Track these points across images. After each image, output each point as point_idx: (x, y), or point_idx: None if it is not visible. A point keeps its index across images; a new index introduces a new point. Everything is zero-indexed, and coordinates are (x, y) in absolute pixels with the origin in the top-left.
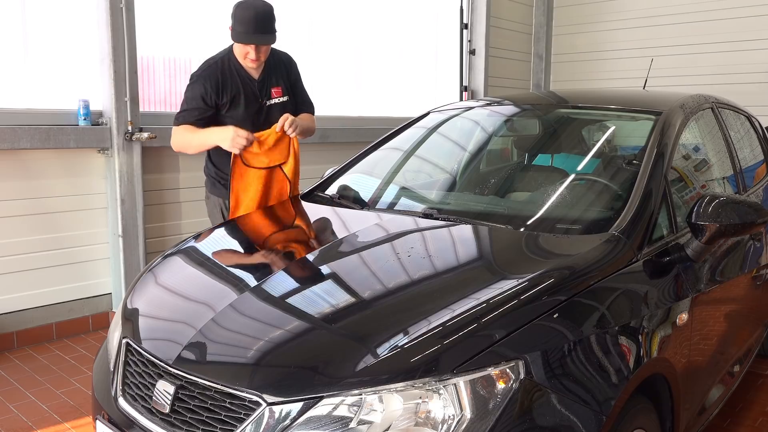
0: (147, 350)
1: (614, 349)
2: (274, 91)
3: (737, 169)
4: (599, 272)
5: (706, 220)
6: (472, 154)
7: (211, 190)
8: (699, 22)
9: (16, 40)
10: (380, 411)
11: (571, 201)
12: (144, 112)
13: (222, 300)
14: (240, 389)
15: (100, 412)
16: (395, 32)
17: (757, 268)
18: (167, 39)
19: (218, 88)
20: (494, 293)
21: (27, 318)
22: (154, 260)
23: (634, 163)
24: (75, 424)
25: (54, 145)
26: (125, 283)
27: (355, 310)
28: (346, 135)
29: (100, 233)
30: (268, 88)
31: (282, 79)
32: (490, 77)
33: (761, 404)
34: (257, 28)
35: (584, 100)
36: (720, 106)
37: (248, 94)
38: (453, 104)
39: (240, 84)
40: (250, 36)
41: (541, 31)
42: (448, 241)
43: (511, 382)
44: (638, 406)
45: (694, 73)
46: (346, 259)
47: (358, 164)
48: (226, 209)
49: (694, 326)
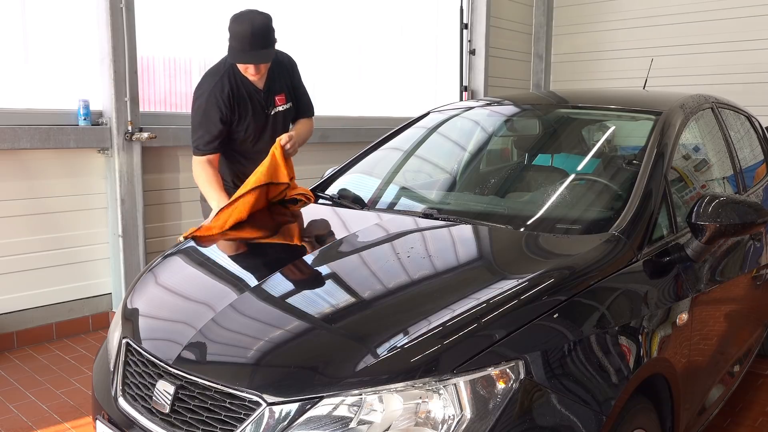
0: (147, 350)
1: (614, 349)
2: (278, 98)
3: (737, 169)
4: (599, 272)
5: (706, 220)
6: (472, 154)
7: None
8: (699, 22)
9: (16, 40)
10: (380, 411)
11: (571, 201)
12: (144, 112)
13: (222, 300)
14: (240, 389)
15: (100, 412)
16: (395, 32)
17: (757, 268)
18: (167, 39)
19: (231, 106)
20: (494, 293)
21: (27, 318)
22: (154, 260)
23: (634, 163)
24: (75, 424)
25: (54, 145)
26: (125, 283)
27: (355, 310)
28: (346, 135)
29: (100, 233)
30: (272, 96)
31: (285, 85)
32: (490, 77)
33: (761, 404)
34: (254, 45)
35: (584, 100)
36: (720, 106)
37: (255, 106)
38: (453, 104)
39: (247, 96)
40: (246, 54)
41: (541, 31)
42: (448, 241)
43: (511, 382)
44: (638, 406)
45: (694, 73)
46: (346, 259)
47: (358, 164)
48: None
49: (694, 326)
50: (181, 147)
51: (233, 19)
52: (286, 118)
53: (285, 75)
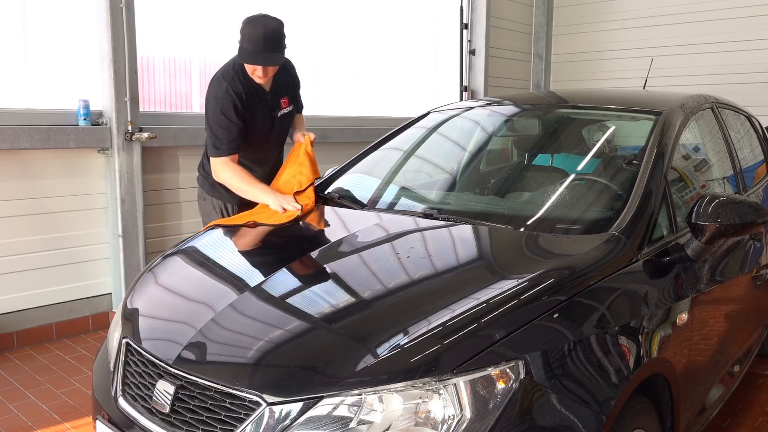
0: (147, 350)
1: (614, 349)
2: (282, 101)
3: (737, 169)
4: (599, 272)
5: (706, 220)
6: (472, 154)
7: (210, 191)
8: (699, 22)
9: (16, 40)
10: (380, 411)
11: (571, 201)
12: (144, 112)
13: (222, 300)
14: (240, 389)
15: (100, 412)
16: (395, 32)
17: (757, 268)
18: (167, 39)
19: (244, 105)
20: (494, 293)
21: (27, 318)
22: (154, 260)
23: (634, 163)
24: (75, 424)
25: (54, 145)
26: (125, 283)
27: (355, 310)
28: (346, 135)
29: (100, 233)
30: (278, 99)
31: (288, 88)
32: (490, 77)
33: (761, 404)
34: (266, 48)
35: (584, 100)
36: (720, 106)
37: (263, 108)
38: (453, 104)
39: (256, 98)
40: (258, 56)
41: (541, 31)
42: (448, 241)
43: (511, 382)
44: (638, 406)
45: (694, 73)
46: (346, 259)
47: (358, 164)
48: (227, 213)
49: (694, 326)
50: (181, 147)
51: (246, 22)
52: (288, 120)
53: (288, 78)
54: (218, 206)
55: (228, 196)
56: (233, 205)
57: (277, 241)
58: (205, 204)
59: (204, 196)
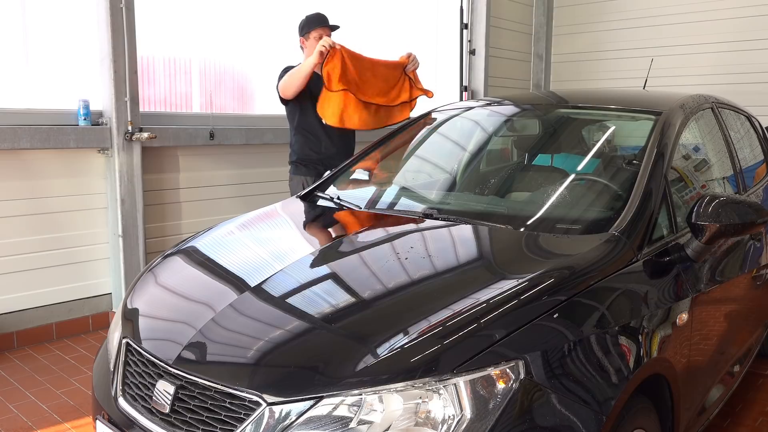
0: (147, 350)
1: (614, 349)
2: None
3: (737, 169)
4: (599, 272)
5: (706, 220)
6: (472, 154)
7: (295, 171)
8: (699, 22)
9: (16, 40)
10: (380, 411)
11: (571, 201)
12: (144, 112)
13: (222, 300)
14: (240, 389)
15: (100, 412)
16: (395, 32)
17: (757, 268)
18: (167, 39)
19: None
20: (494, 293)
21: (27, 318)
22: (154, 260)
23: (634, 163)
24: (75, 424)
25: (54, 145)
26: (125, 283)
27: (355, 310)
28: None
29: (100, 233)
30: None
31: None
32: (490, 77)
33: (761, 404)
34: (325, 20)
35: (584, 100)
36: (720, 106)
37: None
38: (453, 104)
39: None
40: (324, 20)
41: (541, 31)
42: (448, 241)
43: (511, 382)
44: (638, 406)
45: (694, 73)
46: (346, 259)
47: (359, 164)
48: (307, 185)
49: (694, 326)
50: (181, 147)
51: (307, 16)
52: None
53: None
54: (301, 182)
55: (306, 170)
56: (310, 179)
57: (277, 240)
58: (292, 183)
59: (291, 177)
